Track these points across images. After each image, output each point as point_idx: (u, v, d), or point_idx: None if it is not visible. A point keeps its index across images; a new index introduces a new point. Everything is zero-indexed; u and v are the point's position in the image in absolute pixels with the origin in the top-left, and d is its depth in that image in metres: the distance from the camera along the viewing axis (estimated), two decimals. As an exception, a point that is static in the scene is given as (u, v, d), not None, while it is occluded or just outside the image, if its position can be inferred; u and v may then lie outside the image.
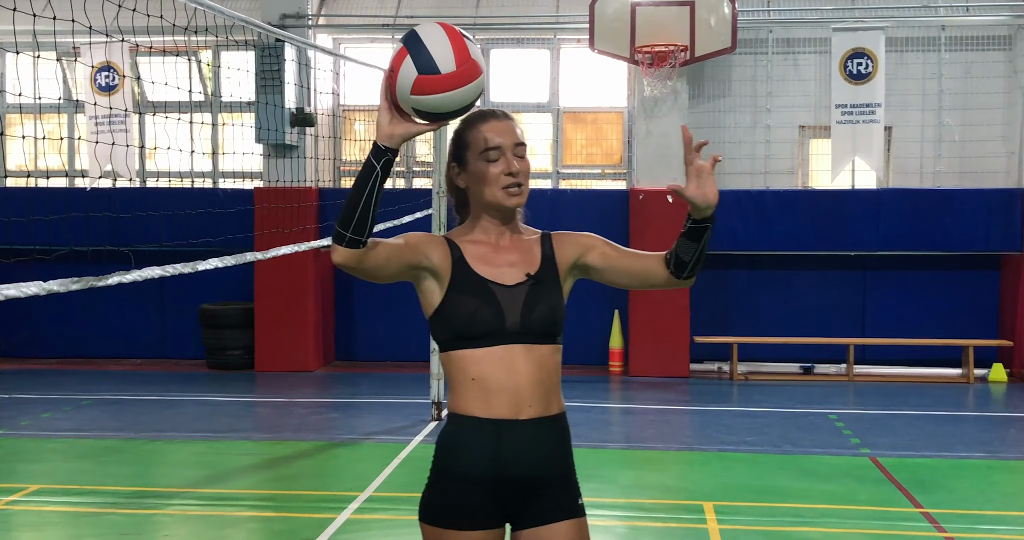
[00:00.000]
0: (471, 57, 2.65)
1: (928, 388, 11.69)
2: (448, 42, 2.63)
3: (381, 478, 7.54)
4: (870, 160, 12.13)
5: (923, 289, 12.55)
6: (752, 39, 12.55)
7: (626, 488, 7.51)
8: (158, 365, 13.05)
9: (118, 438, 8.94)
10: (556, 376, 2.97)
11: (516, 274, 2.96)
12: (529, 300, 2.92)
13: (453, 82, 2.63)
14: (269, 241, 10.30)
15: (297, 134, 12.21)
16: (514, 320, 2.90)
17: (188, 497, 7.14)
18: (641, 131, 12.18)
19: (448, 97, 2.65)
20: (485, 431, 2.89)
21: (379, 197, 2.71)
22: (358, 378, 12.23)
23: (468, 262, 2.95)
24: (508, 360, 2.89)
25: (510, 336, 2.89)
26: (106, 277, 3.71)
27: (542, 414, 2.93)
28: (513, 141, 2.94)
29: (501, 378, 2.89)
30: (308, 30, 12.52)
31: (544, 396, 2.93)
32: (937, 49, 12.49)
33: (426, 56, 2.62)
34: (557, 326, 2.95)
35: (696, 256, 2.97)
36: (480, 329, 2.88)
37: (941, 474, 7.79)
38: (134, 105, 13.06)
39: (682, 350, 12.20)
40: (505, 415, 2.89)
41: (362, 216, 2.71)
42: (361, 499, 6.99)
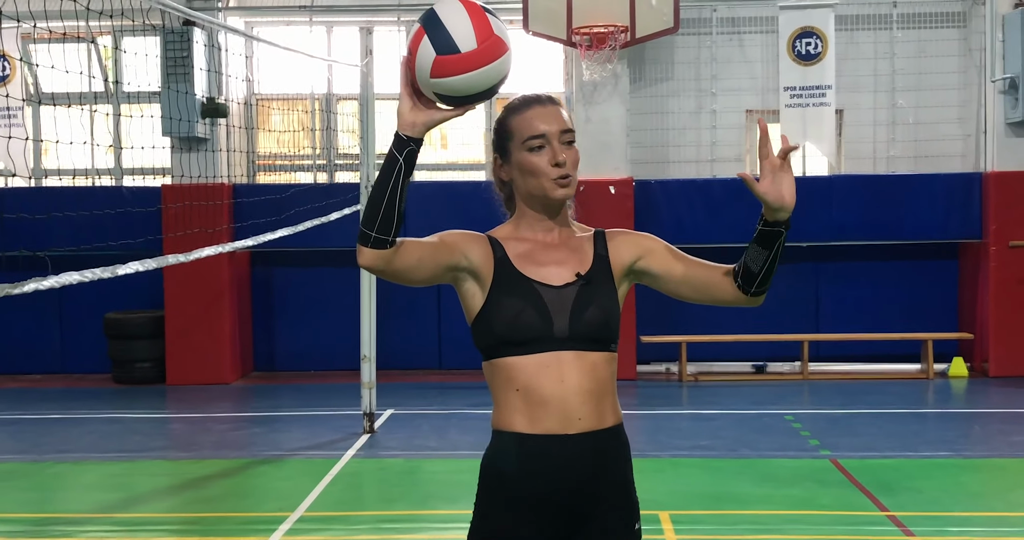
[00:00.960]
0: (494, 33, 2.60)
1: (887, 385, 11.91)
2: (468, 18, 2.58)
3: (312, 497, 7.50)
4: (821, 145, 12.32)
5: (879, 281, 12.78)
6: (695, 19, 12.68)
7: (576, 499, 7.55)
8: (60, 381, 12.83)
9: (19, 461, 8.78)
10: (610, 386, 2.90)
11: (565, 274, 2.89)
12: (579, 302, 2.85)
13: (475, 61, 2.58)
14: (179, 243, 10.18)
15: (208, 126, 12.08)
16: (562, 324, 2.83)
17: (100, 523, 7.05)
18: (580, 118, 12.24)
19: (471, 78, 2.59)
20: (532, 448, 2.84)
21: (404, 192, 2.68)
22: (280, 390, 12.14)
23: (512, 261, 2.90)
24: (556, 368, 2.82)
25: (558, 342, 2.83)
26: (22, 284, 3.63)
27: (595, 427, 2.85)
28: (560, 127, 2.88)
29: (548, 388, 2.82)
30: (218, 13, 12.39)
31: (596, 407, 2.85)
32: (889, 27, 12.72)
33: (444, 35, 2.57)
34: (611, 332, 2.88)
35: (766, 267, 2.88)
36: (525, 334, 2.82)
37: (905, 475, 7.95)
38: (27, 96, 12.82)
39: (628, 351, 12.28)
40: (553, 429, 2.82)
41: (387, 214, 2.66)
42: (292, 520, 6.95)
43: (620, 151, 12.24)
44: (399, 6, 12.67)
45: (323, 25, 13.09)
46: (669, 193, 12.47)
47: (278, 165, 13.48)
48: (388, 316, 11.76)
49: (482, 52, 2.59)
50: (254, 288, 13.10)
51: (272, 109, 13.28)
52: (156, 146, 11.63)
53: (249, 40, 12.34)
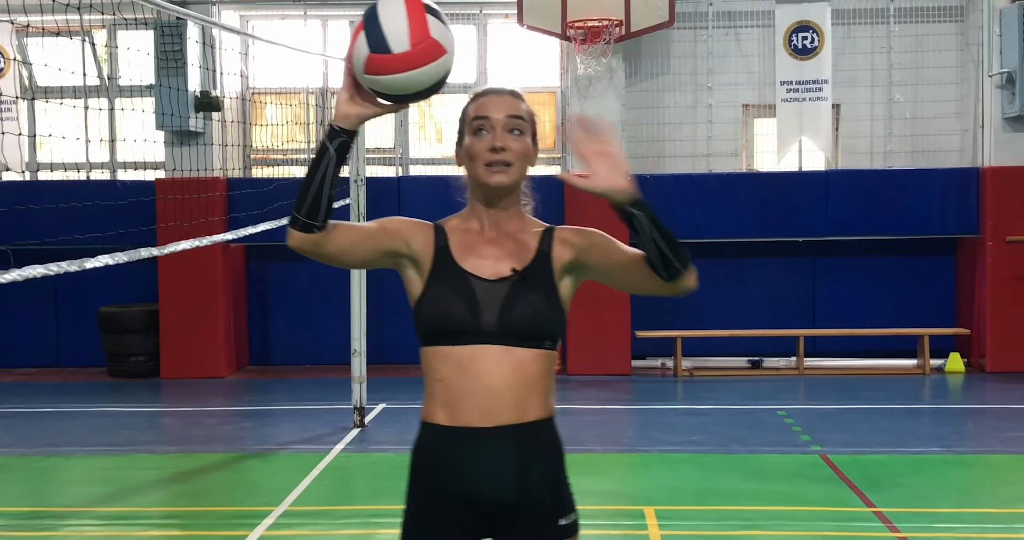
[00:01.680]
0: (430, 36, 2.59)
1: (882, 380, 11.87)
2: (406, 18, 2.57)
3: (298, 491, 7.48)
4: (818, 140, 12.28)
5: (875, 276, 12.74)
6: (691, 12, 12.63)
7: (562, 494, 7.52)
8: (54, 374, 12.83)
9: (9, 454, 8.77)
10: (539, 383, 2.85)
11: (501, 268, 2.88)
12: (510, 298, 2.84)
13: (407, 63, 2.58)
14: (172, 236, 10.14)
15: (202, 120, 12.06)
16: (490, 319, 2.82)
17: (87, 517, 7.04)
18: (575, 112, 12.21)
19: (402, 78, 2.60)
20: (451, 441, 2.84)
21: (335, 180, 2.74)
22: (273, 384, 12.13)
23: (452, 251, 2.91)
24: (481, 361, 2.81)
25: (485, 336, 2.82)
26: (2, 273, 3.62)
27: (514, 421, 2.82)
28: (507, 113, 2.86)
29: (469, 381, 2.82)
30: (212, 7, 12.37)
31: (518, 402, 2.82)
32: (886, 21, 12.66)
33: (378, 33, 2.57)
34: (542, 329, 2.84)
35: (657, 249, 2.77)
36: (452, 325, 2.83)
37: (895, 471, 7.91)
38: (22, 90, 12.80)
39: (623, 346, 12.27)
40: (471, 423, 2.82)
41: (315, 199, 2.72)
42: (276, 514, 6.93)
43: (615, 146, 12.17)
44: (394, 0, 12.61)
45: (318, 18, 13.07)
46: (664, 188, 12.41)
47: (272, 159, 13.46)
48: (380, 311, 11.73)
49: (415, 54, 2.59)
50: (249, 282, 13.09)
51: (266, 103, 13.25)
52: (150, 140, 11.62)
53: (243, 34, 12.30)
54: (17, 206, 10.99)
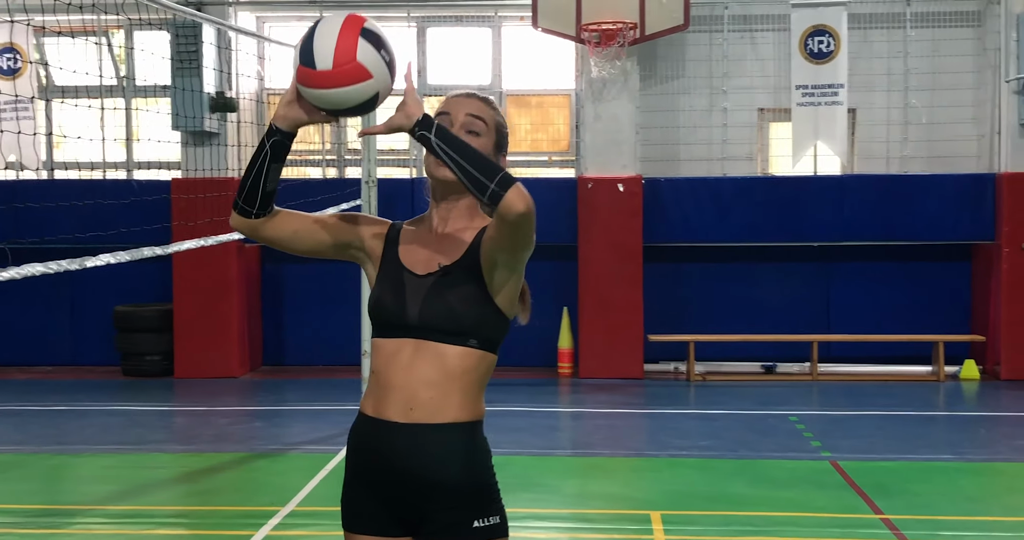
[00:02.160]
0: (355, 59, 2.63)
1: (896, 387, 11.80)
2: (335, 39, 2.63)
3: (305, 491, 7.48)
4: (833, 144, 12.22)
5: (890, 281, 12.66)
6: (707, 16, 12.59)
7: (569, 498, 7.52)
8: (69, 373, 12.88)
9: (19, 452, 8.80)
10: (462, 382, 2.88)
11: (431, 264, 2.93)
12: (431, 292, 2.88)
13: (326, 81, 2.65)
14: (187, 236, 10.16)
15: (218, 120, 12.10)
16: (414, 313, 2.88)
17: (94, 514, 7.06)
18: (589, 115, 12.20)
19: (324, 94, 2.67)
20: (371, 432, 2.93)
21: (271, 175, 2.87)
22: (286, 384, 12.15)
23: (397, 247, 2.99)
24: (405, 356, 2.88)
25: (411, 330, 2.88)
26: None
27: (428, 420, 2.87)
28: (466, 112, 2.92)
29: (394, 374, 2.89)
30: (229, 7, 12.41)
31: (438, 401, 2.86)
32: (903, 26, 12.59)
33: (308, 48, 2.65)
34: (461, 325, 2.86)
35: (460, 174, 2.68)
36: (381, 318, 2.93)
37: (904, 478, 7.86)
38: (40, 90, 12.87)
39: (635, 350, 12.23)
40: (390, 416, 2.89)
41: (251, 190, 2.89)
42: (282, 514, 6.93)
43: (629, 149, 12.18)
44: (408, 3, 12.64)
45: (334, 20, 13.06)
46: (678, 191, 12.39)
47: (289, 160, 13.46)
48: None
49: (334, 75, 2.64)
50: (264, 282, 13.11)
51: (282, 104, 13.23)
52: (166, 140, 11.67)
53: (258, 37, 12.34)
54: (33, 204, 11.05)
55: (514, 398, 10.79)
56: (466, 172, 2.68)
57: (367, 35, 2.66)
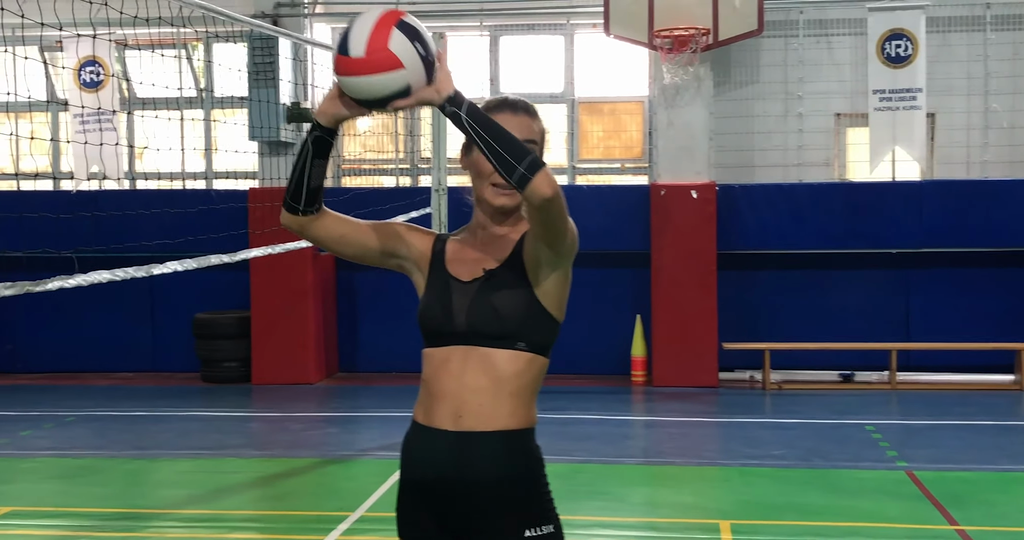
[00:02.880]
0: (387, 48, 2.66)
1: (977, 396, 11.58)
2: (370, 27, 2.68)
3: (375, 497, 7.56)
4: (911, 149, 12.04)
5: (971, 289, 12.42)
6: (781, 21, 12.49)
7: (638, 506, 7.50)
8: (150, 379, 13.13)
9: (98, 457, 8.99)
10: (513, 386, 2.86)
11: (476, 270, 2.92)
12: (478, 298, 2.88)
13: (358, 67, 2.68)
14: (263, 243, 10.32)
15: (293, 130, 12.27)
16: (461, 319, 2.88)
17: (168, 518, 7.19)
18: (662, 122, 12.15)
19: (357, 82, 2.70)
20: (422, 441, 2.93)
21: (315, 172, 2.88)
22: (360, 391, 12.27)
23: (445, 256, 2.99)
24: (452, 363, 2.88)
25: (458, 337, 2.88)
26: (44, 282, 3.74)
27: (480, 428, 2.85)
28: (522, 137, 2.81)
29: (443, 383, 2.89)
30: (304, 19, 12.59)
31: (488, 407, 2.85)
32: (982, 29, 12.38)
33: (345, 36, 2.71)
34: (508, 328, 2.84)
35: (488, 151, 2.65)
36: (430, 327, 2.94)
37: (980, 489, 7.71)
38: (121, 102, 13.17)
39: (710, 357, 12.14)
40: (441, 424, 2.88)
41: (297, 186, 2.90)
42: (351, 519, 7.01)
43: (702, 155, 12.11)
44: (481, 11, 12.72)
45: (408, 30, 13.18)
46: (753, 198, 12.29)
47: (363, 169, 13.63)
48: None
49: (366, 62, 2.67)
50: (339, 289, 13.25)
51: (357, 113, 13.38)
52: (243, 150, 11.86)
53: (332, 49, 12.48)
54: (115, 212, 11.31)
55: (586, 406, 10.78)
56: (496, 153, 2.65)
57: (403, 27, 2.70)
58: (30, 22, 5.38)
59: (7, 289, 3.52)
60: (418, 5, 12.77)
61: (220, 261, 5.40)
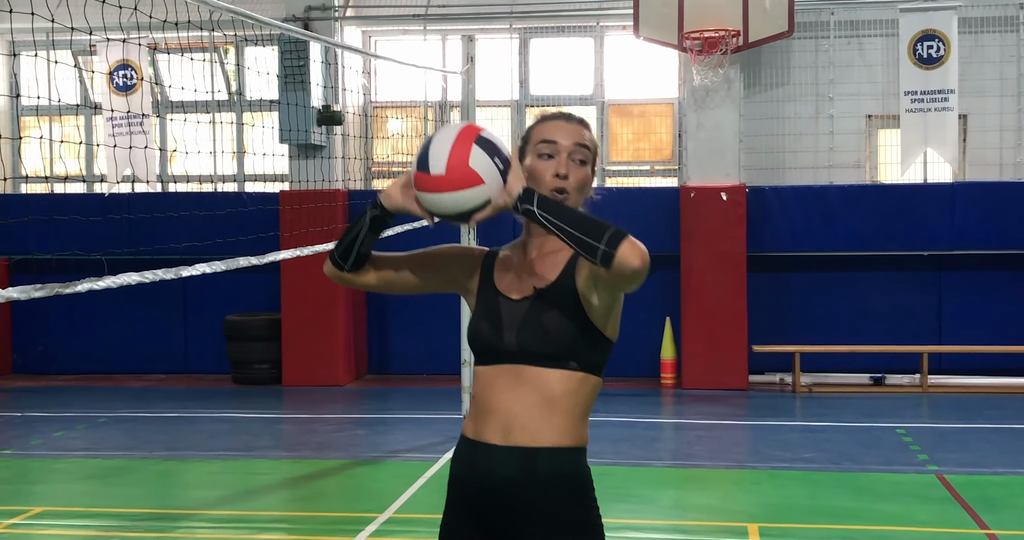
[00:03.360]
0: (467, 165, 2.70)
1: (1009, 399, 11.48)
2: (449, 144, 2.72)
3: (403, 498, 7.57)
4: (943, 151, 11.96)
5: (1004, 291, 12.32)
6: (812, 22, 12.44)
7: (667, 509, 7.48)
8: (181, 381, 13.22)
9: (130, 457, 9.05)
10: (564, 405, 2.84)
11: (525, 288, 2.91)
12: (528, 317, 2.86)
13: (439, 185, 2.72)
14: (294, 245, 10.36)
15: (324, 133, 12.32)
16: (511, 338, 2.86)
17: (198, 519, 7.23)
18: (692, 124, 12.12)
19: (438, 199, 2.74)
20: (470, 454, 2.92)
21: (366, 242, 2.95)
22: (390, 393, 12.30)
23: (494, 273, 2.99)
24: (505, 381, 2.86)
25: (508, 356, 2.86)
26: (73, 284, 3.77)
27: (529, 444, 2.83)
28: (573, 141, 2.89)
29: (493, 399, 2.87)
30: (335, 23, 12.64)
31: (537, 424, 2.83)
32: (1016, 29, 12.28)
33: (424, 154, 2.75)
34: (559, 348, 2.82)
35: (570, 242, 2.65)
36: (480, 345, 2.93)
37: (1012, 492, 7.66)
38: (153, 105, 13.26)
39: (739, 360, 12.10)
40: (491, 439, 2.87)
41: (347, 249, 2.97)
42: (380, 521, 7.03)
43: (732, 157, 12.06)
44: (511, 14, 12.73)
45: (437, 33, 13.24)
46: (783, 200, 12.24)
47: (393, 171, 13.66)
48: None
49: (447, 180, 2.71)
50: (369, 293, 13.28)
51: (388, 116, 13.46)
52: (275, 153, 11.92)
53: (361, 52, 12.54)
54: (144, 215, 11.39)
55: (616, 408, 10.76)
56: (574, 237, 2.64)
57: (481, 143, 2.73)
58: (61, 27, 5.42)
59: (37, 291, 3.55)
60: (449, 7, 12.81)
61: (248, 263, 5.42)
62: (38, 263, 11.94)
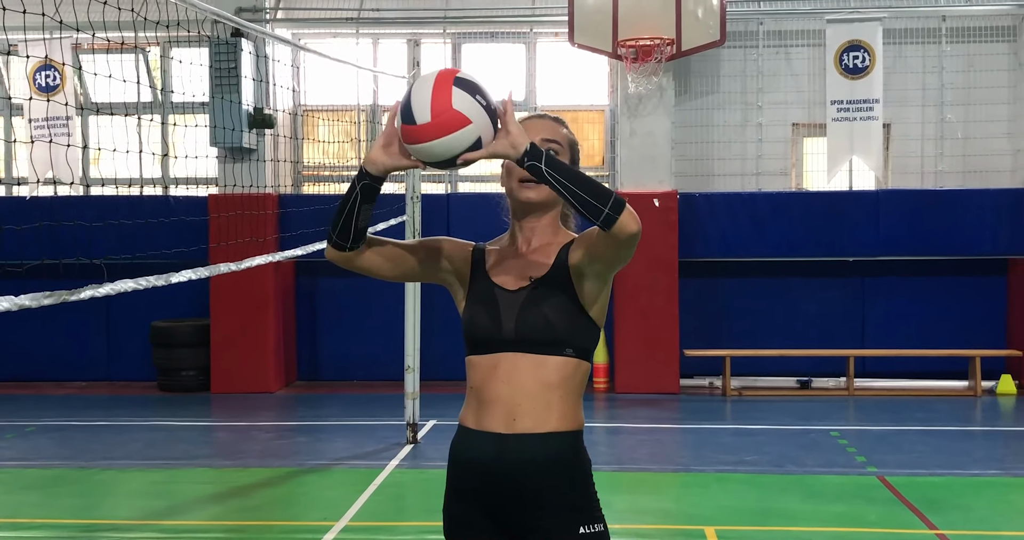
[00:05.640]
0: (452, 108, 2.72)
1: (933, 402, 11.78)
2: (429, 91, 2.74)
3: (356, 506, 7.51)
4: (868, 159, 12.24)
5: (926, 296, 12.66)
6: (742, 32, 12.64)
7: (621, 513, 7.51)
8: (105, 388, 12.94)
9: (67, 467, 8.85)
10: (562, 391, 2.98)
11: (522, 278, 3.03)
12: (526, 305, 2.98)
13: (428, 133, 2.74)
14: (226, 253, 10.24)
15: (256, 136, 12.16)
16: (510, 327, 2.98)
17: (146, 529, 7.09)
18: (625, 131, 12.24)
19: (430, 147, 2.76)
20: (475, 443, 3.01)
21: (362, 215, 2.98)
22: (324, 399, 12.19)
23: (486, 266, 3.09)
24: (504, 370, 2.97)
25: (507, 344, 2.98)
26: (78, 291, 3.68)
27: (533, 430, 2.95)
28: (542, 137, 3.00)
29: (494, 388, 2.98)
30: (265, 25, 12.48)
31: (540, 410, 2.96)
32: (938, 41, 12.62)
33: (407, 107, 2.77)
34: (557, 335, 2.96)
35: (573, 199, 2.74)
36: (479, 335, 3.03)
37: (954, 493, 7.86)
38: (77, 106, 12.96)
39: (671, 364, 12.24)
40: (493, 428, 2.98)
41: (344, 226, 2.98)
42: (336, 529, 6.96)
43: (664, 164, 12.21)
44: (445, 18, 12.71)
45: (370, 37, 13.15)
46: (714, 206, 12.42)
47: (324, 176, 13.55)
48: (432, 326, 11.77)
49: (434, 126, 2.73)
50: (298, 298, 13.16)
51: (319, 120, 13.34)
52: (204, 156, 11.72)
53: (296, 51, 12.42)
54: (67, 223, 11.09)
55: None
56: (579, 198, 2.74)
57: (460, 83, 2.76)
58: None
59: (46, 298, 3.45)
60: (382, 11, 12.75)
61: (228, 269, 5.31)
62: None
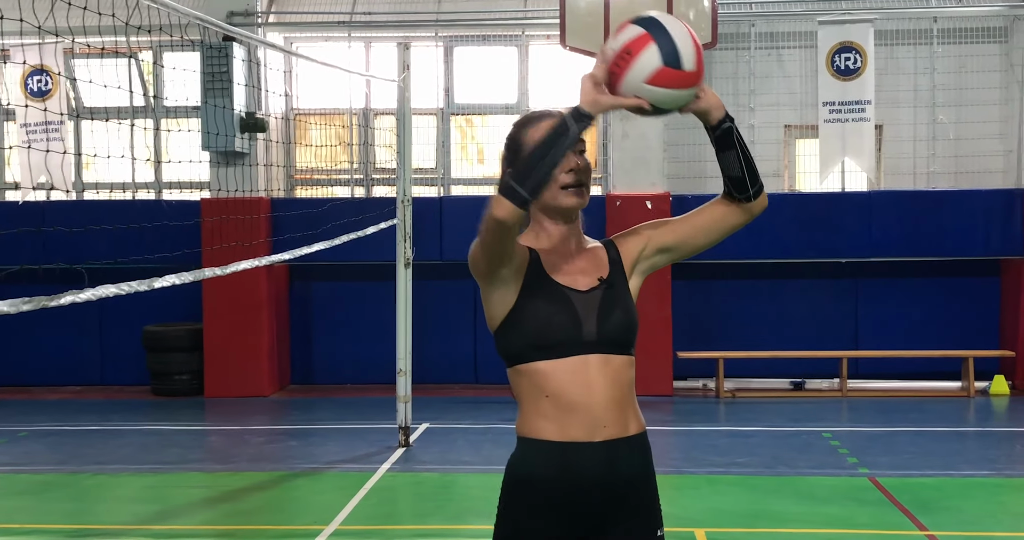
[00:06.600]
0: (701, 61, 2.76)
1: (926, 403, 11.80)
2: (691, 40, 2.72)
3: (347, 510, 7.52)
4: (860, 161, 12.26)
5: (919, 297, 12.68)
6: (733, 33, 12.67)
7: (611, 516, 7.53)
8: (99, 392, 12.95)
9: (60, 472, 8.86)
10: (631, 392, 2.98)
11: (589, 279, 2.97)
12: (604, 306, 2.94)
13: (689, 80, 2.73)
14: (218, 256, 10.23)
15: (247, 140, 12.17)
16: (591, 328, 2.90)
17: (137, 534, 7.10)
18: (617, 133, 12.26)
19: (678, 94, 2.74)
20: (559, 456, 2.90)
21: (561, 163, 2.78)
22: (317, 403, 12.20)
23: (544, 267, 2.96)
24: (583, 374, 2.88)
25: (587, 346, 2.89)
26: (58, 297, 3.69)
27: (618, 435, 2.92)
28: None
29: (576, 394, 2.88)
30: (257, 29, 12.51)
31: (620, 414, 2.92)
32: (929, 42, 12.65)
33: (672, 49, 2.68)
34: (632, 334, 2.98)
35: (743, 163, 2.94)
36: (556, 337, 2.89)
37: (945, 494, 7.88)
38: (69, 111, 12.97)
39: (664, 366, 12.25)
40: (579, 437, 2.89)
41: (543, 178, 2.72)
42: (327, 533, 6.97)
43: (657, 166, 12.23)
44: (437, 22, 12.74)
45: (361, 41, 13.17)
46: (706, 208, 12.41)
47: (315, 180, 13.56)
48: (424, 330, 11.79)
49: (697, 75, 2.74)
50: (291, 302, 13.17)
51: (310, 124, 13.36)
52: (195, 160, 11.73)
53: (288, 55, 12.43)
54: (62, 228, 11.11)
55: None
56: (751, 166, 2.96)
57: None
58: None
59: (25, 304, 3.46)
60: (374, 15, 12.77)
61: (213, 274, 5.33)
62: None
